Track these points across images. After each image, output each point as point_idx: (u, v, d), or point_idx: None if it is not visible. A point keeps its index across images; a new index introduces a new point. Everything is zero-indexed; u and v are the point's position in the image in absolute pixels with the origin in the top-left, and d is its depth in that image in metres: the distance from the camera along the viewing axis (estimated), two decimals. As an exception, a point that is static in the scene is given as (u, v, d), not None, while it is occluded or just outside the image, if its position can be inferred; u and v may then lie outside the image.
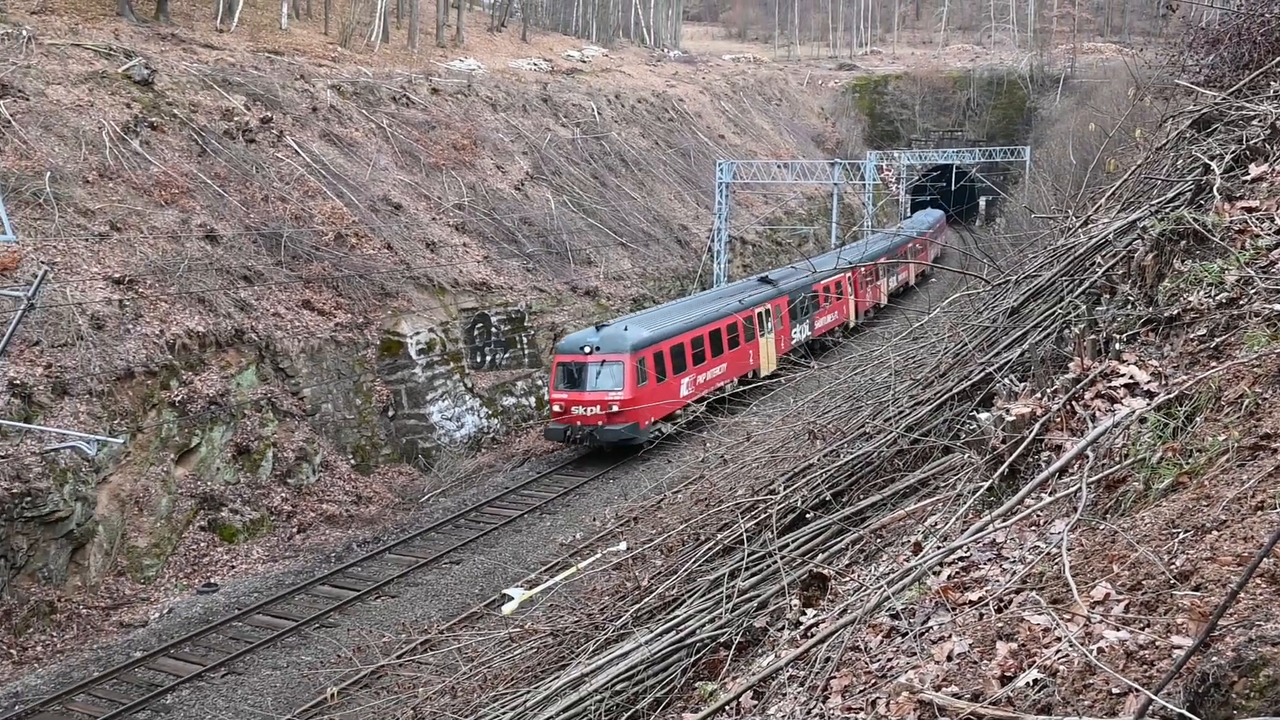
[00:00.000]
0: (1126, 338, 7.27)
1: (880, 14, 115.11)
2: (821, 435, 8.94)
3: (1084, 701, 3.42)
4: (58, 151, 28.96)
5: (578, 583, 11.49)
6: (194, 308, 27.63)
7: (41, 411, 22.86)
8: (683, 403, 30.15)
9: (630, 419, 29.26)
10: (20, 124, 28.89)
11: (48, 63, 32.10)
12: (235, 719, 16.23)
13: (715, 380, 33.22)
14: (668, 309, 35.58)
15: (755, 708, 5.16)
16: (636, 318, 33.86)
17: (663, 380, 30.29)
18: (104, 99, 31.97)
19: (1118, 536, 4.79)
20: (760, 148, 68.95)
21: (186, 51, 38.71)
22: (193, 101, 34.63)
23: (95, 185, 29.04)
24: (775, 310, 37.99)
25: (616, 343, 29.59)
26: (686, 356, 31.78)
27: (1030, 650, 4.03)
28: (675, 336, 31.54)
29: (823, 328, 43.02)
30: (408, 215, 37.61)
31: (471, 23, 67.24)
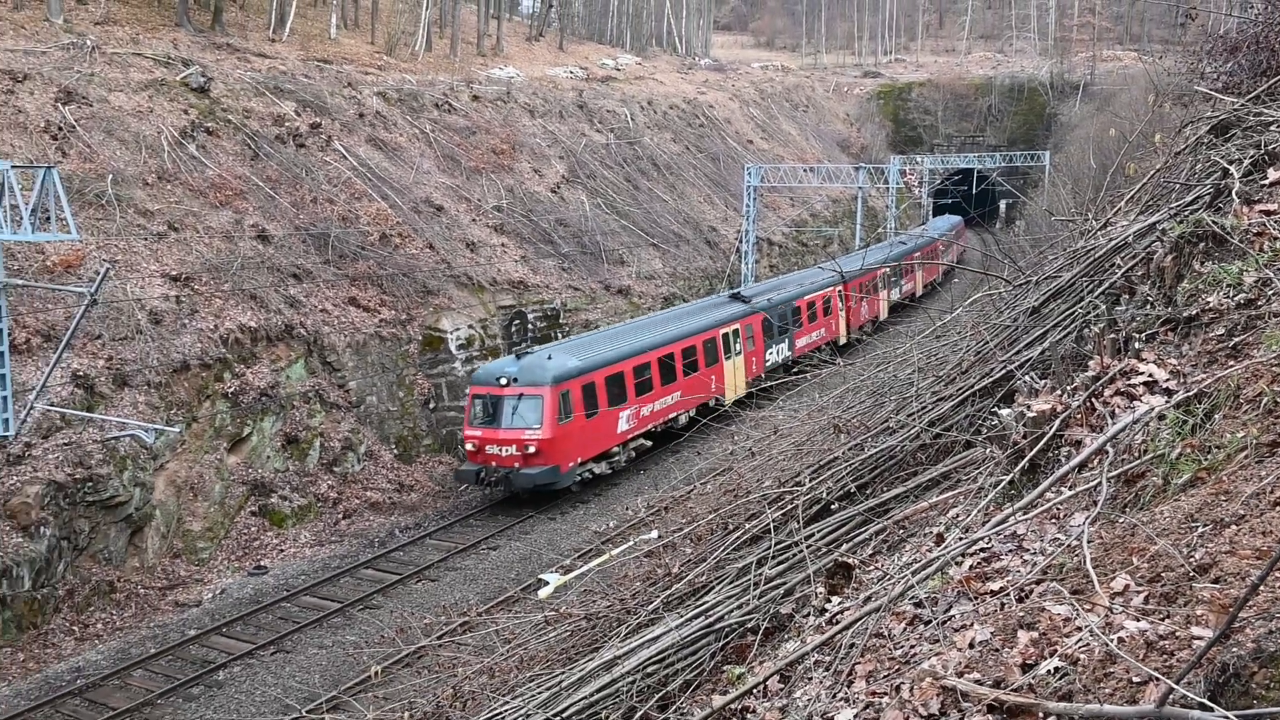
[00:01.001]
0: (1146, 337, 7.17)
1: (904, 23, 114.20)
2: (846, 429, 8.87)
3: (1104, 689, 3.38)
4: (119, 155, 29.28)
5: (610, 569, 11.48)
6: (246, 304, 27.86)
7: (103, 401, 23.13)
8: (621, 439, 27.21)
9: (550, 461, 24.71)
10: (84, 129, 29.23)
11: (110, 71, 32.44)
12: (284, 695, 16.36)
13: (666, 411, 29.31)
14: (611, 333, 30.75)
15: (781, 691, 5.13)
16: (568, 344, 29.27)
17: (594, 415, 26.03)
18: (163, 105, 32.27)
19: (1137, 530, 4.72)
20: (787, 152, 68.62)
21: (241, 60, 39.02)
22: (246, 108, 34.90)
23: (154, 187, 29.33)
24: (746, 330, 33.84)
25: (535, 374, 25.14)
26: (627, 386, 27.51)
27: (1051, 639, 3.98)
28: (613, 365, 27.09)
29: (806, 346, 37.70)
30: (449, 216, 37.73)
31: (511, 32, 67.36)
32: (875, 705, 4.27)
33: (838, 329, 41.34)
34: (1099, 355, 7.14)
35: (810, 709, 4.55)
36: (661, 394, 28.90)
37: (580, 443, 25.56)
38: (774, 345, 35.68)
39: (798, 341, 37.42)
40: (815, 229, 59.95)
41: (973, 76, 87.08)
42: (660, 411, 29.04)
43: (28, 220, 14.65)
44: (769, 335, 35.08)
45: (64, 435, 22.12)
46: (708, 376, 31.30)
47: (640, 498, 24.44)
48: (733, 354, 32.72)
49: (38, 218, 14.92)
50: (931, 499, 7.18)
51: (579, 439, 25.43)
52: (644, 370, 28.19)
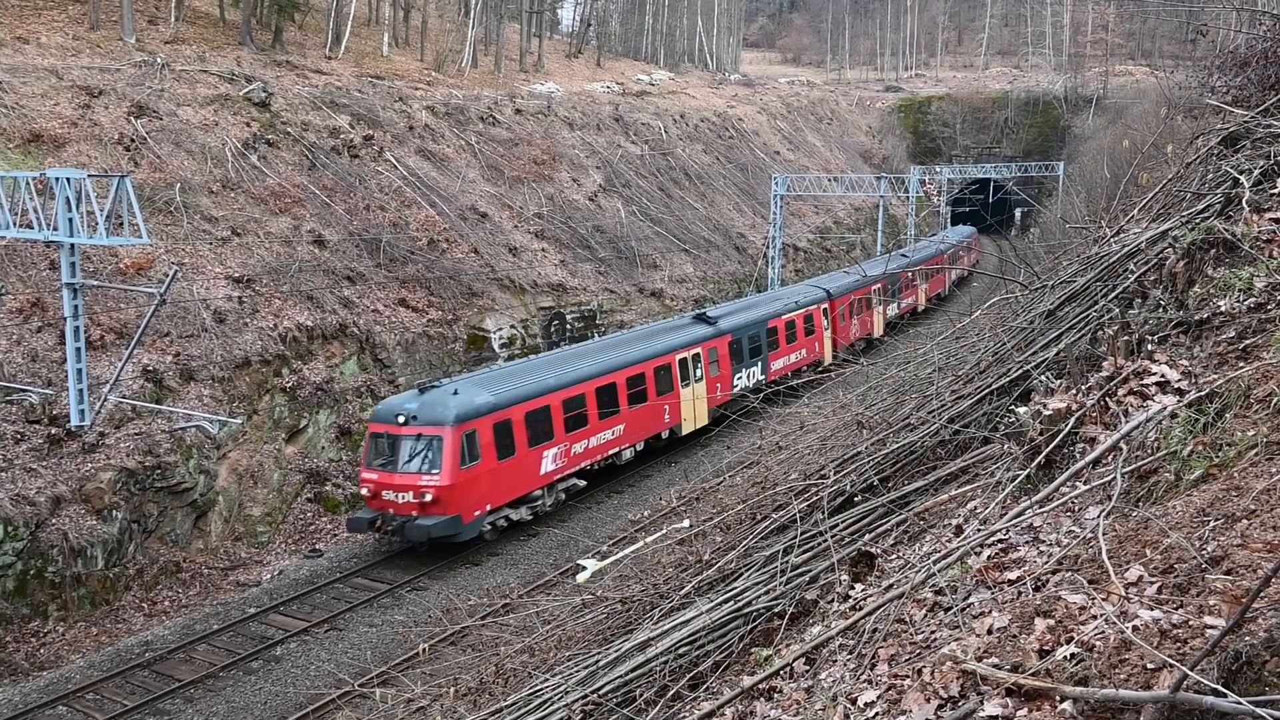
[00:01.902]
0: (1158, 339, 7.08)
1: (924, 40, 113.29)
2: (869, 425, 8.82)
3: (1120, 675, 3.34)
4: (187, 165, 29.66)
5: (644, 555, 11.49)
6: (303, 304, 28.13)
7: (170, 395, 23.45)
8: (546, 480, 23.44)
9: (450, 510, 20.79)
10: (155, 141, 29.64)
11: (179, 87, 32.87)
12: (336, 669, 16.51)
13: (606, 447, 25.47)
14: (541, 362, 26.24)
15: (807, 672, 5.11)
16: (486, 375, 24.58)
17: (509, 456, 22.18)
18: (227, 119, 32.65)
19: (1150, 523, 4.66)
20: (812, 163, 68.28)
21: (299, 76, 39.41)
22: (304, 121, 35.23)
23: (218, 195, 29.69)
24: (710, 354, 29.77)
25: (437, 412, 21.16)
26: (554, 422, 23.59)
27: (1067, 626, 3.93)
28: (535, 399, 23.17)
29: (783, 369, 33.43)
30: (493, 223, 37.90)
31: (551, 50, 67.54)
32: (897, 687, 4.24)
33: (821, 350, 36.64)
34: (1113, 356, 7.05)
35: (835, 689, 4.53)
36: (600, 428, 25.02)
37: (490, 488, 21.72)
38: (744, 369, 31.47)
39: (773, 364, 33.20)
40: (839, 235, 59.63)
41: (990, 91, 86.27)
42: (598, 448, 25.12)
43: (103, 225, 14.89)
44: (738, 359, 31.02)
45: (135, 426, 22.45)
46: (659, 406, 27.26)
47: (672, 488, 24.36)
48: (691, 380, 28.64)
49: (112, 223, 15.16)
50: (951, 492, 7.12)
51: (488, 484, 21.62)
52: (576, 403, 24.24)
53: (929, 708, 3.82)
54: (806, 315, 35.50)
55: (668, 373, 27.53)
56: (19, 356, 22.05)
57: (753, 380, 31.57)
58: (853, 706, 4.19)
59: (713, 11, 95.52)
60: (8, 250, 23.51)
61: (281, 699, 16.12)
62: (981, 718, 3.42)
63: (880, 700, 4.18)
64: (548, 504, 23.86)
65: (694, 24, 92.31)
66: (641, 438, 26.74)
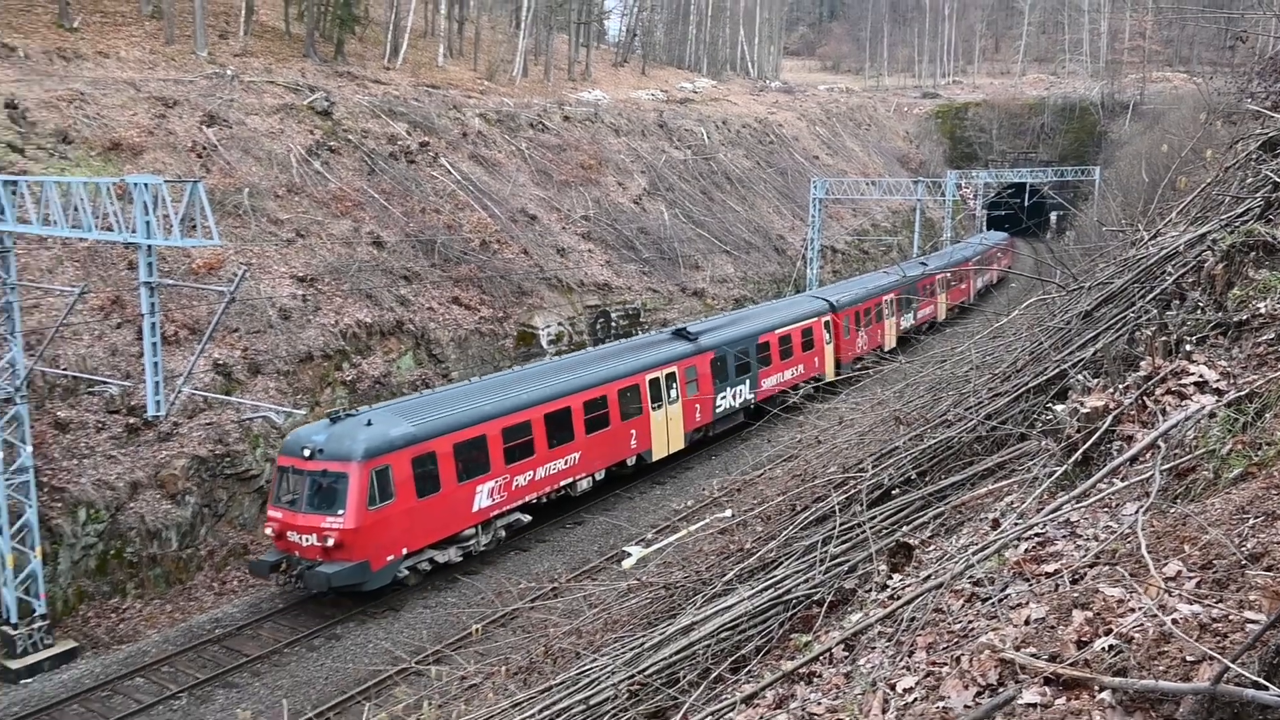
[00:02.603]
0: (1196, 340, 6.92)
1: (962, 48, 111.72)
2: (906, 421, 8.72)
3: (1159, 666, 3.27)
4: (254, 171, 30.15)
5: (687, 543, 11.49)
6: (363, 302, 28.48)
7: (238, 387, 23.87)
8: (480, 517, 20.61)
9: (356, 555, 17.97)
10: (225, 148, 30.17)
11: (247, 97, 33.42)
12: (393, 647, 16.72)
13: (556, 478, 22.56)
14: (482, 386, 22.79)
15: (846, 658, 5.07)
16: (411, 403, 21.27)
17: (432, 493, 19.32)
18: (292, 127, 33.13)
19: (1189, 519, 4.56)
20: (850, 167, 67.69)
21: (360, 86, 39.87)
22: (364, 128, 35.64)
23: (284, 199, 30.14)
24: (688, 373, 26.71)
25: (343, 445, 18.27)
26: (492, 453, 20.72)
27: (1105, 619, 3.86)
28: (467, 428, 20.25)
29: (777, 387, 30.05)
30: (542, 225, 38.07)
31: (598, 59, 67.64)
32: (936, 674, 4.19)
33: (822, 365, 33.34)
34: (1150, 356, 6.91)
35: (874, 675, 4.49)
36: (549, 458, 22.17)
37: (408, 530, 18.92)
38: (730, 388, 28.44)
39: (764, 382, 29.98)
40: (876, 238, 59.06)
41: (1026, 97, 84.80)
42: (547, 479, 22.28)
43: (177, 228, 15.17)
44: (721, 377, 27.94)
45: (206, 416, 22.90)
46: (625, 431, 24.50)
47: (714, 480, 24.25)
48: (664, 402, 25.68)
49: (185, 226, 15.43)
50: (987, 487, 7.03)
51: (405, 525, 18.81)
52: (520, 431, 21.37)
53: (967, 694, 3.77)
54: (805, 329, 32.34)
55: (635, 394, 24.69)
56: (100, 351, 22.59)
57: (740, 400, 29.02)
58: (892, 692, 4.15)
59: (754, 21, 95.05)
60: (90, 252, 24.08)
61: (341, 674, 16.35)
62: (1020, 705, 3.36)
63: (919, 686, 4.13)
64: (483, 543, 21.01)
65: (736, 33, 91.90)
66: (601, 466, 23.90)
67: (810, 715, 4.45)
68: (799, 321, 32.22)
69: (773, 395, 29.48)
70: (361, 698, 15.22)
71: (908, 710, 3.94)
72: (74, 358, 21.89)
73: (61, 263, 23.74)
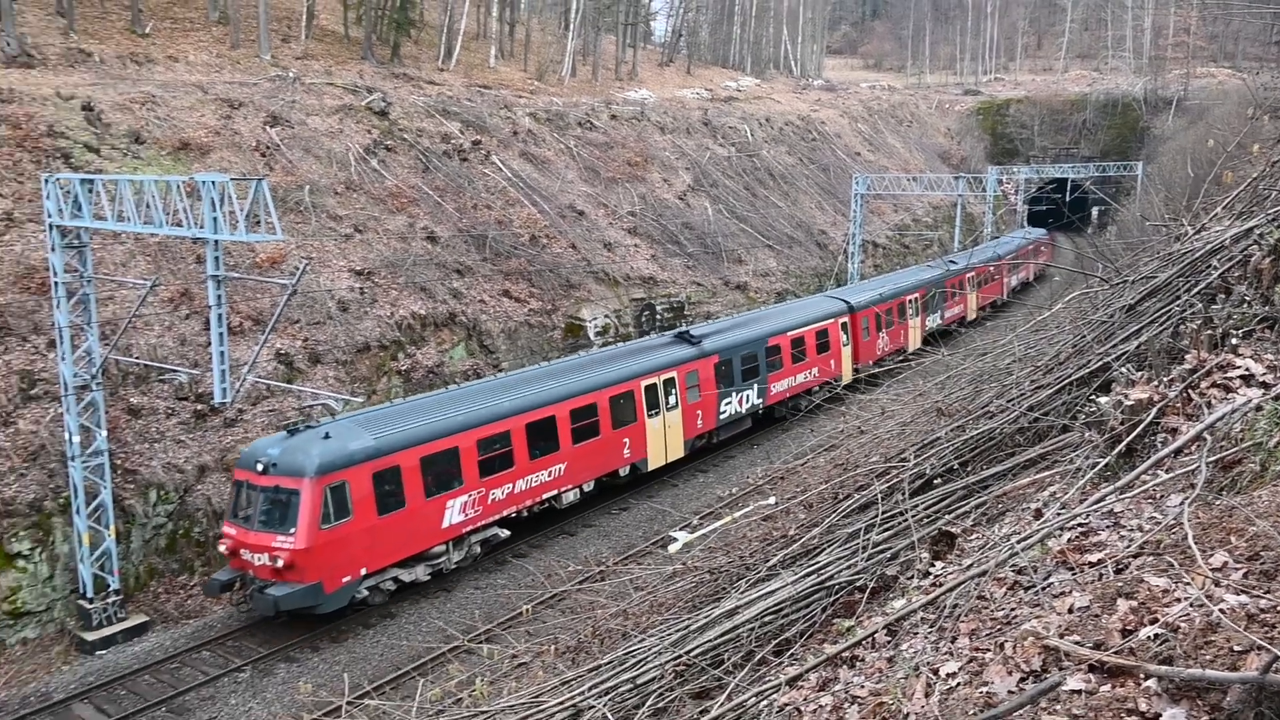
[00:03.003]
0: (1242, 334, 6.75)
1: (1004, 45, 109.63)
2: (948, 412, 8.62)
3: (1205, 656, 3.19)
4: (314, 169, 30.57)
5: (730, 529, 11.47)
6: (417, 295, 28.78)
7: (299, 375, 24.27)
8: (451, 534, 18.93)
9: (308, 576, 16.55)
10: (287, 147, 30.64)
11: (308, 98, 33.88)
12: (446, 626, 16.90)
13: (538, 490, 20.81)
14: (457, 394, 20.79)
15: (889, 643, 5.03)
16: (377, 413, 19.38)
17: (395, 509, 17.70)
18: (350, 126, 33.54)
19: (1235, 511, 4.45)
20: (892, 163, 66.86)
21: (415, 87, 40.23)
22: (419, 128, 35.96)
23: (342, 196, 30.54)
24: (689, 378, 24.90)
25: (296, 460, 16.83)
26: (465, 466, 19.03)
27: (1150, 608, 3.78)
28: (438, 440, 18.59)
29: (788, 391, 28.83)
30: (589, 220, 38.14)
31: (644, 59, 67.50)
32: (978, 660, 4.14)
33: (838, 368, 31.19)
34: (1195, 350, 6.75)
35: (917, 660, 4.45)
36: (531, 469, 20.51)
37: (367, 549, 17.36)
38: (736, 393, 26.58)
39: (773, 386, 28.20)
40: (916, 233, 58.30)
41: (1069, 93, 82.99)
42: (528, 491, 20.59)
43: (243, 224, 15.45)
44: (726, 382, 26.08)
45: (269, 403, 23.31)
46: (617, 440, 22.70)
47: (759, 467, 24.10)
48: (662, 409, 23.91)
49: (250, 222, 15.71)
50: (1029, 477, 6.92)
51: (364, 544, 17.25)
52: (497, 442, 19.69)
53: (1010, 680, 3.72)
54: (820, 330, 30.37)
55: (629, 401, 22.89)
56: (170, 341, 23.11)
57: (747, 406, 27.17)
58: (935, 676, 4.10)
59: (798, 20, 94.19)
60: (161, 246, 24.63)
61: (396, 651, 16.59)
62: (1065, 691, 3.31)
63: (962, 671, 4.08)
64: (454, 560, 19.43)
65: (779, 33, 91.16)
66: (590, 477, 22.17)
67: (854, 698, 4.42)
68: (814, 323, 30.33)
69: (784, 399, 28.49)
70: (416, 673, 15.43)
71: (951, 695, 3.90)
72: (145, 347, 22.42)
73: (134, 257, 24.31)
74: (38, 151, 24.99)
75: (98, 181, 17.45)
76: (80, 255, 18.21)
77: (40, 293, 21.43)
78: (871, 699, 4.30)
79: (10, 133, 24.99)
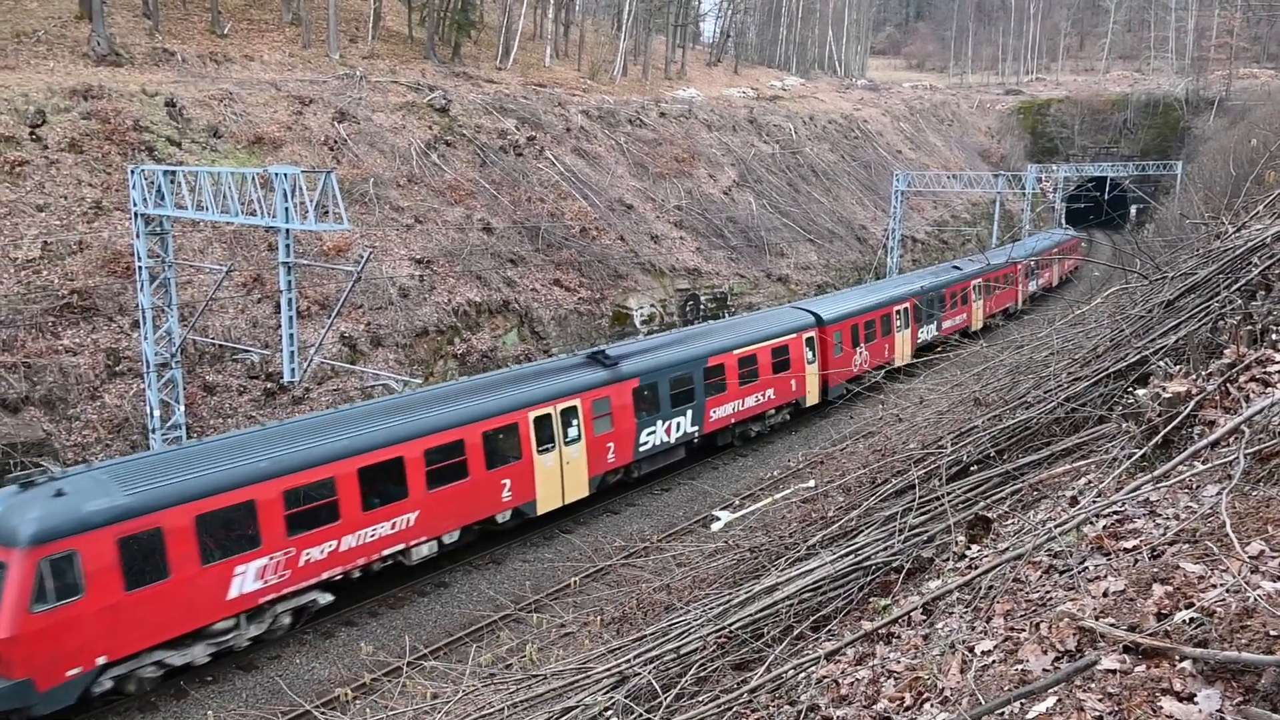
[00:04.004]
0: (1283, 329, 6.54)
1: (1046, 46, 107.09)
2: (985, 402, 8.49)
3: (1241, 640, 3.12)
4: (378, 163, 30.97)
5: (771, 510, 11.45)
6: (473, 283, 29.05)
7: (362, 357, 24.66)
8: (245, 604, 14.81)
9: (16, 671, 12.53)
10: (353, 142, 31.06)
11: (373, 95, 34.30)
12: (496, 595, 17.10)
13: (375, 546, 16.57)
14: (280, 431, 16.33)
15: (925, 622, 4.99)
16: (150, 460, 15.01)
17: (154, 581, 13.63)
18: (413, 122, 33.89)
19: (1272, 502, 4.33)
20: (932, 161, 65.81)
21: (474, 85, 40.50)
22: (477, 124, 36.23)
23: (404, 188, 30.90)
24: (597, 406, 20.48)
25: (7, 525, 12.81)
26: (264, 522, 14.86)
27: (1186, 593, 3.71)
28: (227, 492, 14.43)
29: (733, 416, 24.46)
30: (637, 214, 38.15)
31: (693, 59, 67.15)
32: (1013, 639, 4.09)
33: (802, 388, 26.91)
34: (1235, 344, 6.56)
35: (952, 638, 4.41)
36: (365, 522, 16.29)
37: (106, 634, 13.23)
38: (663, 420, 22.22)
39: (713, 412, 23.68)
40: (955, 228, 57.37)
41: (1110, 93, 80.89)
42: (361, 549, 16.36)
43: (312, 214, 15.72)
44: (650, 409, 21.94)
45: (333, 383, 23.74)
46: (493, 482, 18.36)
47: (799, 451, 23.90)
48: (558, 443, 19.62)
49: (318, 212, 15.98)
50: (1065, 466, 6.80)
51: (101, 629, 13.14)
52: (315, 492, 15.46)
53: (1045, 659, 3.67)
54: (777, 347, 25.70)
55: (512, 435, 18.69)
56: (243, 323, 23.63)
57: (678, 434, 22.67)
58: (970, 654, 4.07)
59: (843, 22, 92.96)
60: (235, 234, 25.16)
61: (449, 618, 16.82)
62: (1100, 670, 3.26)
63: (997, 650, 4.04)
64: (248, 635, 15.25)
65: (825, 33, 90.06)
66: (452, 527, 17.91)
67: (890, 672, 4.40)
68: (770, 339, 25.55)
69: (729, 425, 24.46)
70: (468, 639, 15.63)
71: (986, 671, 3.86)
72: (220, 328, 22.95)
73: (211, 244, 24.87)
74: (124, 144, 25.65)
75: (179, 173, 17.87)
76: (162, 242, 18.67)
77: (125, 276, 22.03)
78: (907, 673, 4.27)
79: (100, 127, 25.68)
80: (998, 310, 41.25)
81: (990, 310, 40.15)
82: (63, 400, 20.19)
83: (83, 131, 25.29)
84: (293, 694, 12.43)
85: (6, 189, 22.88)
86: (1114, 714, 3.03)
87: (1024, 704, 3.27)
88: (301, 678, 14.87)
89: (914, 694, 4.01)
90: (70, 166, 24.34)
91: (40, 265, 21.79)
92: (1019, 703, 3.29)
